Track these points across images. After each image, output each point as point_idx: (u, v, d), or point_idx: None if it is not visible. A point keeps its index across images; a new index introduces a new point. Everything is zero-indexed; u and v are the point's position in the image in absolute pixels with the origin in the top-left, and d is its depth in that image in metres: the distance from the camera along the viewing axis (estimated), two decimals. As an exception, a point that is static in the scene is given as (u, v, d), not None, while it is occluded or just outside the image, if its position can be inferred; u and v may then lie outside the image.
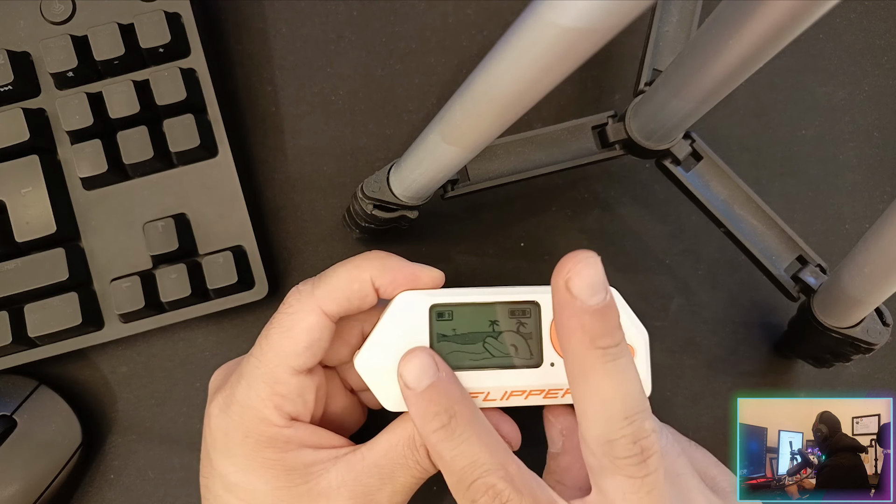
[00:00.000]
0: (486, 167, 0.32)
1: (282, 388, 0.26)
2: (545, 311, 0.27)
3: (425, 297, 0.27)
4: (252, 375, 0.26)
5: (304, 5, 0.38)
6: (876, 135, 0.39)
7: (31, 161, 0.33)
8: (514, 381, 0.27)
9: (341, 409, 0.30)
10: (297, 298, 0.27)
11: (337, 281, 0.27)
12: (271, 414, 0.26)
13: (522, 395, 0.27)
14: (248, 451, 0.26)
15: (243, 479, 0.26)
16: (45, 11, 0.35)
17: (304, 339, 0.26)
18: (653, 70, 0.32)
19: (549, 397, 0.27)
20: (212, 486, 0.27)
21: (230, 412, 0.27)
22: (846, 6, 0.40)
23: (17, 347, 0.33)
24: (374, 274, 0.27)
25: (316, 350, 0.27)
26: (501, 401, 0.27)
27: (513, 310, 0.27)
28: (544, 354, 0.27)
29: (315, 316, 0.26)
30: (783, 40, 0.21)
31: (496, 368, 0.27)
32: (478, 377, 0.27)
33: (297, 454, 0.26)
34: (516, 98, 0.21)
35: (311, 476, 0.26)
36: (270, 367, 0.26)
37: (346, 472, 0.26)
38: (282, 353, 0.26)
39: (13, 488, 0.32)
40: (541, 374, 0.27)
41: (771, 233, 0.32)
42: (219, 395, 0.27)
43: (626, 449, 0.23)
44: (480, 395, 0.27)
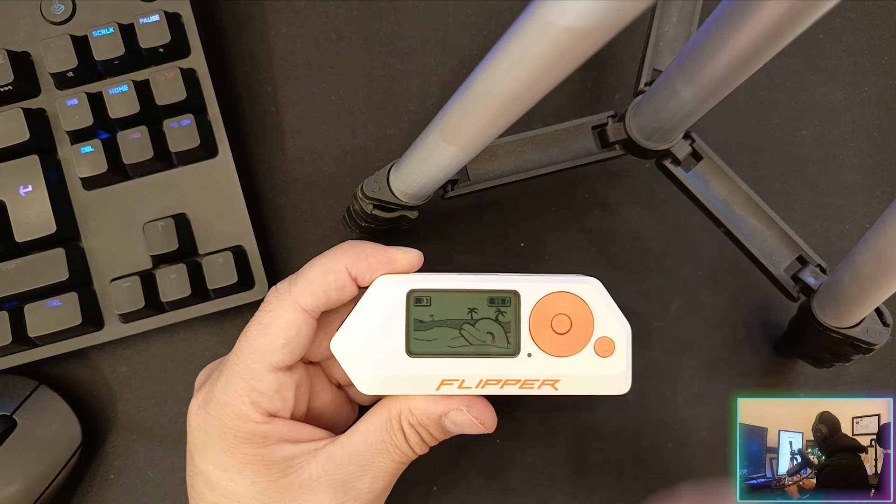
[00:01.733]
0: (486, 167, 0.32)
1: (259, 384, 0.26)
2: (525, 300, 0.27)
3: (403, 281, 0.27)
4: (230, 372, 0.27)
5: (304, 5, 0.38)
6: (876, 135, 0.39)
7: (31, 161, 0.33)
8: (489, 370, 0.27)
9: (327, 405, 0.30)
10: (276, 296, 0.27)
11: (312, 275, 0.27)
12: (248, 410, 0.26)
13: (498, 384, 0.27)
14: (226, 448, 0.26)
15: (224, 475, 0.26)
16: (45, 11, 0.35)
17: (281, 335, 0.26)
18: (653, 70, 0.32)
19: (525, 387, 0.27)
20: (195, 484, 0.27)
21: (208, 409, 0.27)
22: (846, 6, 0.40)
23: (17, 347, 0.33)
24: (349, 263, 0.27)
25: (294, 347, 0.27)
26: (476, 388, 0.27)
27: (492, 298, 0.27)
28: (521, 344, 0.27)
29: (293, 312, 0.26)
30: (783, 40, 0.21)
31: (472, 356, 0.27)
32: (454, 364, 0.26)
33: (275, 448, 0.26)
34: (516, 98, 0.21)
35: (292, 469, 0.26)
36: (248, 364, 0.26)
37: (326, 462, 0.27)
38: (259, 350, 0.26)
39: (13, 488, 0.32)
40: (517, 363, 0.27)
41: (771, 233, 0.32)
42: (199, 393, 0.28)
43: None
44: (455, 382, 0.26)
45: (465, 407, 0.27)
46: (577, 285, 0.27)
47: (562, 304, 0.27)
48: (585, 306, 0.27)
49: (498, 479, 0.35)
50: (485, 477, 0.35)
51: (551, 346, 0.26)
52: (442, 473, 0.35)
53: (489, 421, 0.28)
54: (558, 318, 0.27)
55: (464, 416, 0.27)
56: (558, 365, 0.26)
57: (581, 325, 0.27)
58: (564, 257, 0.37)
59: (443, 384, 0.26)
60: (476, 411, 0.27)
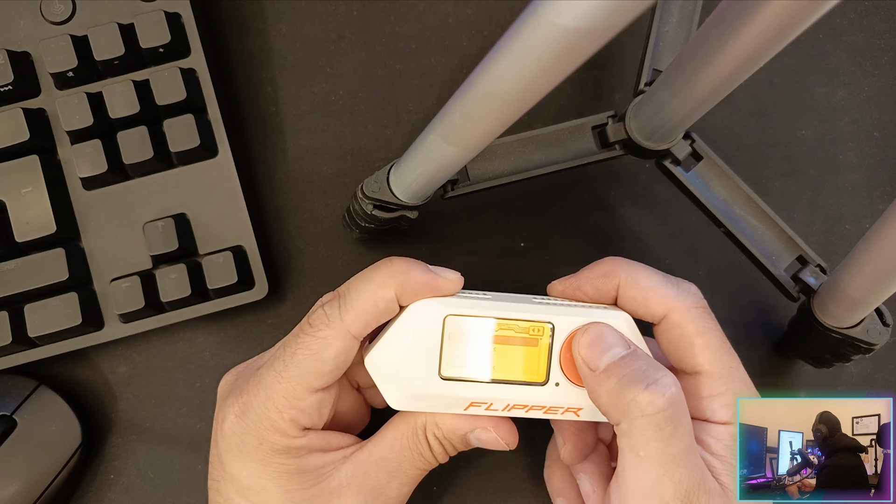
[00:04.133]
0: (486, 167, 0.32)
1: (301, 403, 0.27)
2: (559, 331, 0.27)
3: (442, 305, 0.27)
4: (272, 388, 0.27)
5: (304, 5, 0.38)
6: (876, 135, 0.39)
7: (31, 161, 0.33)
8: (517, 396, 0.27)
9: (348, 409, 0.31)
10: (326, 323, 0.27)
11: (364, 304, 0.27)
12: (288, 427, 0.27)
13: (524, 408, 0.27)
14: (262, 457, 0.27)
15: (256, 483, 0.27)
16: (45, 11, 0.35)
17: (331, 363, 0.27)
18: (653, 70, 0.32)
19: (549, 413, 0.27)
20: (223, 489, 0.28)
21: (246, 419, 0.27)
22: (846, 6, 0.40)
23: (17, 347, 0.33)
24: (399, 291, 0.27)
25: (340, 372, 0.27)
26: (503, 412, 0.27)
27: (527, 328, 0.27)
28: (551, 374, 0.27)
29: (343, 342, 0.27)
30: (783, 41, 0.21)
31: (502, 383, 0.27)
32: (483, 388, 0.27)
33: (308, 458, 0.27)
34: (516, 98, 0.21)
35: (322, 476, 0.27)
36: (292, 385, 0.26)
37: (354, 469, 0.27)
38: (307, 374, 0.26)
39: (13, 488, 0.32)
40: (545, 392, 0.27)
41: (771, 233, 0.32)
42: (234, 400, 0.27)
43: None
44: (483, 404, 0.27)
45: (491, 427, 0.28)
46: (608, 319, 0.27)
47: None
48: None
49: (498, 479, 0.35)
50: (485, 477, 0.35)
51: (579, 377, 0.27)
52: (442, 473, 0.35)
53: (512, 441, 0.28)
54: None
55: (489, 434, 0.28)
56: (584, 395, 0.27)
57: None
58: (564, 257, 0.37)
59: (471, 406, 0.27)
60: (502, 431, 0.28)
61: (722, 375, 0.27)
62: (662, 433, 0.24)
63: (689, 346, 0.27)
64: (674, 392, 0.24)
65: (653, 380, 0.24)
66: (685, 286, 0.28)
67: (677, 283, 0.28)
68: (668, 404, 0.24)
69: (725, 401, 0.27)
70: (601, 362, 0.25)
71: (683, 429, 0.24)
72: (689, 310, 0.28)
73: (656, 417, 0.24)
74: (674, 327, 0.27)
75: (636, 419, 0.24)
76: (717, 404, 0.27)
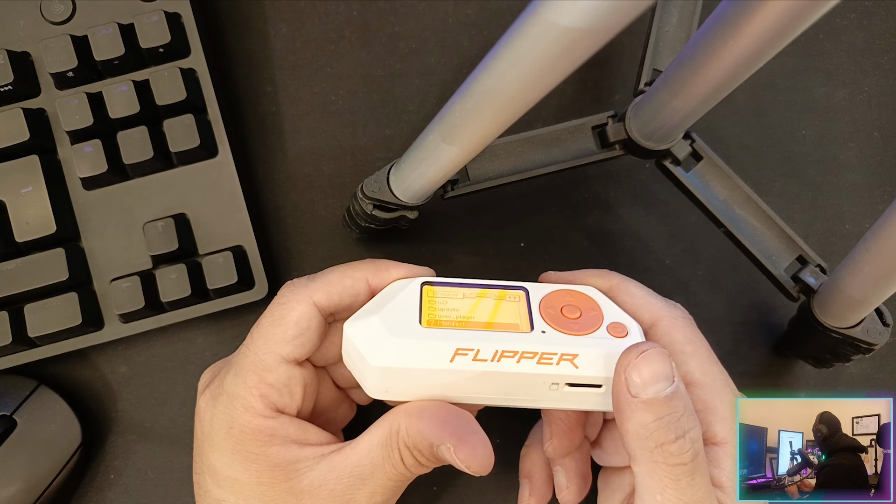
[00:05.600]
0: (486, 167, 0.32)
1: (269, 376, 0.26)
2: (534, 293, 0.28)
3: (418, 279, 0.28)
4: (240, 364, 0.27)
5: (304, 5, 0.38)
6: (876, 135, 0.39)
7: (31, 161, 0.33)
8: (505, 342, 0.26)
9: (329, 404, 0.31)
10: (290, 289, 0.28)
11: (331, 276, 0.28)
12: (256, 402, 0.26)
13: (514, 356, 0.25)
14: (233, 444, 0.26)
15: (230, 473, 0.26)
16: (45, 11, 0.35)
17: (293, 327, 0.27)
18: (653, 70, 0.32)
19: (543, 362, 0.25)
20: (202, 481, 0.27)
21: (217, 403, 0.27)
22: (846, 6, 0.40)
23: (17, 347, 0.33)
24: (369, 274, 0.28)
25: (305, 340, 0.27)
26: (492, 362, 0.25)
27: (502, 292, 0.28)
28: (534, 323, 0.27)
29: (306, 306, 0.27)
30: (783, 41, 0.21)
31: (487, 329, 0.26)
32: (467, 335, 0.26)
33: (281, 449, 0.26)
34: (516, 98, 0.21)
35: (295, 473, 0.26)
36: (259, 355, 0.27)
37: (328, 471, 0.26)
38: (271, 341, 0.27)
39: (13, 488, 0.32)
40: (532, 338, 0.26)
41: (771, 233, 0.32)
42: (208, 390, 0.28)
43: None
44: (470, 352, 0.25)
45: (452, 444, 0.25)
46: (580, 286, 0.29)
47: (569, 297, 0.28)
48: (591, 300, 0.28)
49: (498, 479, 0.35)
50: (485, 477, 0.35)
51: (564, 327, 0.26)
52: (442, 473, 0.35)
53: (477, 465, 0.26)
54: (567, 307, 0.27)
55: (449, 454, 0.25)
56: (574, 342, 0.26)
57: (590, 314, 0.27)
58: (564, 257, 0.37)
59: (457, 354, 0.25)
60: (464, 453, 0.25)
61: (714, 386, 0.27)
62: (680, 483, 0.24)
63: (678, 353, 0.27)
64: (700, 446, 0.24)
65: (684, 431, 0.24)
66: (673, 303, 0.29)
67: (666, 300, 0.29)
68: (691, 458, 0.24)
69: (720, 415, 0.26)
70: (645, 393, 0.24)
71: (701, 477, 0.24)
72: (677, 319, 0.28)
73: (677, 470, 0.24)
74: (662, 335, 0.28)
75: (659, 464, 0.24)
76: (713, 418, 0.26)
